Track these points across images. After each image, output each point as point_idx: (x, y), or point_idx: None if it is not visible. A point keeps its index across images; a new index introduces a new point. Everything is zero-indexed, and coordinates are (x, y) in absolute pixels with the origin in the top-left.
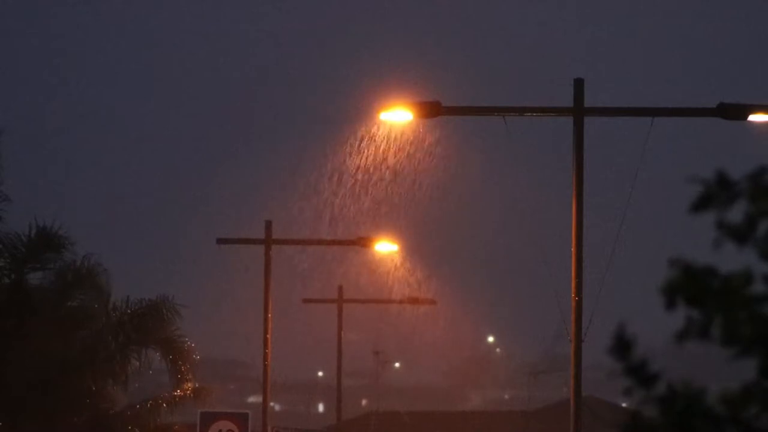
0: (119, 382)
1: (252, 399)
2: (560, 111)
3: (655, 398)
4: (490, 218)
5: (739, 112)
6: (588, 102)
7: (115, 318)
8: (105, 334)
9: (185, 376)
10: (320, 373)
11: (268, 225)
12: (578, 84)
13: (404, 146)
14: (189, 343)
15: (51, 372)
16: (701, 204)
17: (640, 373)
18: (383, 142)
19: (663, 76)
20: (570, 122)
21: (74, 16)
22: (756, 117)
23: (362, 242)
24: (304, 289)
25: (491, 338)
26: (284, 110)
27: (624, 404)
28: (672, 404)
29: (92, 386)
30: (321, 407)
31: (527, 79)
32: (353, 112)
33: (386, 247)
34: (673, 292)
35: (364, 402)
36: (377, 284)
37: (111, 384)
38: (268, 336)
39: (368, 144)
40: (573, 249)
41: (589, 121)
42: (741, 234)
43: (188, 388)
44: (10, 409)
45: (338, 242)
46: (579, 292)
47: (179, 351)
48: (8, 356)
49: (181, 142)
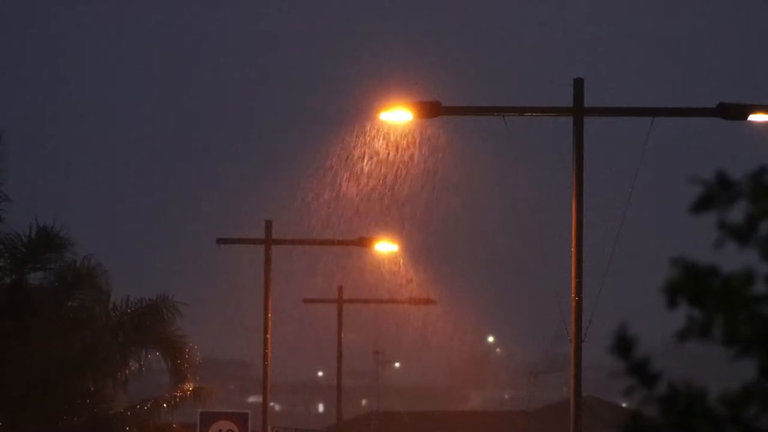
0: (119, 382)
1: (252, 399)
2: (560, 111)
3: (656, 398)
4: (490, 218)
5: (739, 112)
6: (588, 102)
7: (115, 318)
8: (105, 334)
9: (185, 376)
10: (320, 373)
11: (268, 225)
12: (578, 84)
13: (404, 146)
14: (189, 344)
15: (51, 372)
16: (702, 204)
17: (642, 373)
18: (383, 142)
19: (663, 76)
20: (570, 122)
21: (74, 16)
22: (756, 117)
23: (362, 242)
24: (304, 289)
25: (491, 338)
26: (284, 110)
27: (624, 404)
28: (673, 404)
29: (92, 386)
30: (321, 407)
31: (527, 79)
32: (353, 112)
33: (386, 247)
34: (675, 292)
35: (364, 402)
36: (377, 284)
37: (111, 384)
38: (268, 336)
39: (368, 144)
40: (573, 249)
41: (589, 121)
42: (742, 234)
43: (188, 389)
44: (10, 409)
45: (338, 242)
46: (579, 292)
47: (179, 351)
48: (8, 356)
49: (181, 142)
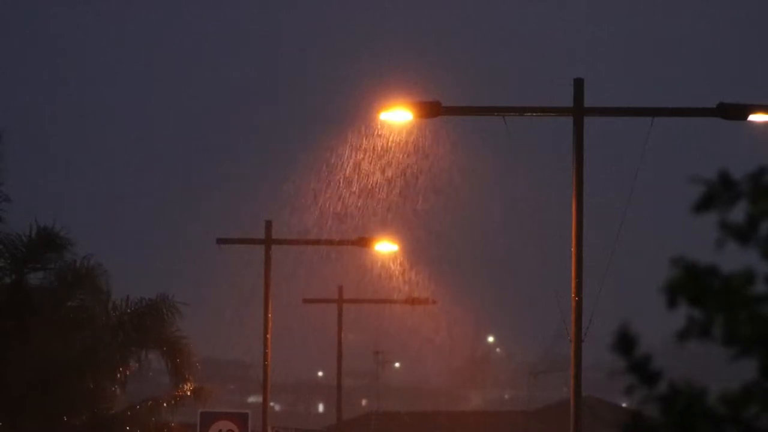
0: (119, 382)
1: (252, 399)
2: (560, 111)
3: (657, 397)
4: (490, 218)
5: (739, 112)
6: (588, 102)
7: (115, 318)
8: (105, 334)
9: (185, 377)
10: (320, 373)
11: (268, 225)
12: (578, 84)
13: (404, 146)
14: (189, 344)
15: (51, 372)
16: (703, 204)
17: (643, 371)
18: (383, 142)
19: (663, 76)
20: (570, 122)
21: (74, 16)
22: (756, 117)
23: (362, 242)
24: (304, 289)
25: (491, 338)
26: (284, 110)
27: (624, 404)
28: (673, 404)
29: (92, 386)
30: (321, 407)
31: (527, 79)
32: (353, 112)
33: (386, 247)
34: (675, 292)
35: (364, 402)
36: (377, 284)
37: (111, 384)
38: (268, 336)
39: (368, 144)
40: (573, 249)
41: (589, 121)
42: (743, 234)
43: (188, 389)
44: (10, 409)
45: (338, 242)
46: (579, 292)
47: (179, 351)
48: (8, 356)
49: (181, 142)
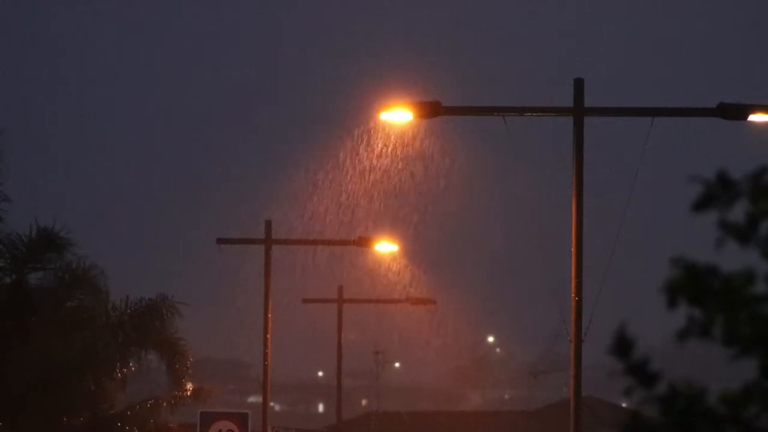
0: (119, 382)
1: (252, 399)
2: (560, 111)
3: (656, 398)
4: (490, 218)
5: (739, 112)
6: (588, 102)
7: (115, 318)
8: (105, 334)
9: (184, 377)
10: (320, 373)
11: (268, 225)
12: (578, 84)
13: (404, 146)
14: (187, 344)
15: (51, 372)
16: (702, 204)
17: (641, 373)
18: (383, 142)
19: (663, 76)
20: (570, 122)
21: (74, 16)
22: (756, 117)
23: (362, 242)
24: (304, 289)
25: (491, 338)
26: (284, 110)
27: (624, 404)
28: (673, 404)
29: (92, 386)
30: (321, 407)
31: (527, 79)
32: (353, 112)
33: (386, 247)
34: (675, 292)
35: (364, 402)
36: (377, 284)
37: (111, 384)
38: (268, 336)
39: (368, 144)
40: (573, 249)
41: (589, 121)
42: (742, 234)
43: (187, 389)
44: (10, 409)
45: (338, 242)
46: (579, 292)
47: (178, 351)
48: (8, 356)
49: (181, 142)
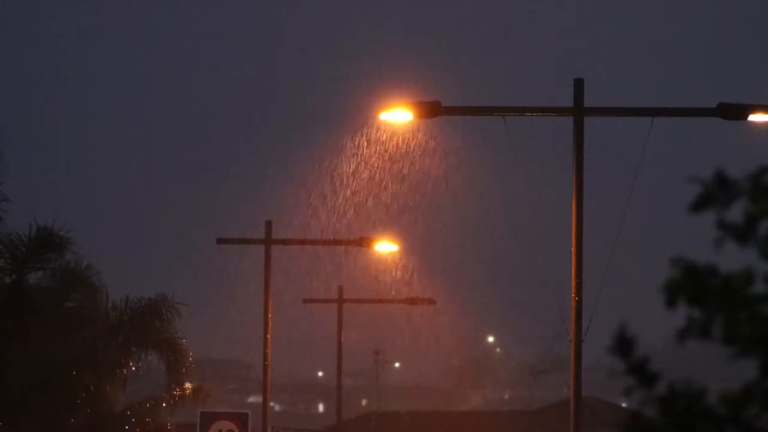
0: (119, 382)
1: (252, 399)
2: (560, 111)
3: (656, 398)
4: (490, 218)
5: (739, 112)
6: (588, 102)
7: (115, 318)
8: (105, 334)
9: (183, 376)
10: (320, 373)
11: (268, 225)
12: (578, 84)
13: (404, 146)
14: (184, 345)
15: (51, 372)
16: (700, 204)
17: (641, 373)
18: (383, 142)
19: (663, 76)
20: (570, 122)
21: (74, 16)
22: (756, 117)
23: (362, 242)
24: (304, 289)
25: (491, 338)
26: (284, 110)
27: (624, 404)
28: (673, 404)
29: (92, 386)
30: (321, 407)
31: (527, 79)
32: (353, 112)
33: (386, 247)
34: (674, 292)
35: (364, 402)
36: (377, 284)
37: (111, 384)
38: (268, 336)
39: (368, 144)
40: (573, 249)
41: (589, 121)
42: (742, 234)
43: (187, 388)
44: (10, 409)
45: (338, 242)
46: (579, 292)
47: (178, 351)
48: (8, 356)
49: (181, 142)
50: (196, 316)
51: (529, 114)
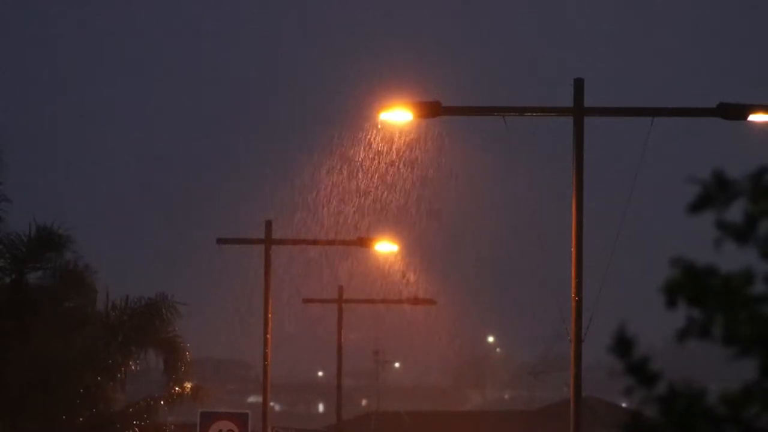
0: (119, 382)
1: (252, 399)
2: (560, 111)
3: (656, 398)
4: (490, 218)
5: (739, 112)
6: (588, 102)
7: (115, 318)
8: (105, 334)
9: (183, 376)
10: (320, 373)
11: (268, 225)
12: (578, 84)
13: (404, 146)
14: (185, 344)
15: (51, 372)
16: (700, 204)
17: (641, 373)
18: (383, 142)
19: (663, 76)
20: (570, 122)
21: (74, 16)
22: (756, 117)
23: (362, 242)
24: (304, 289)
25: (491, 338)
26: (284, 110)
27: (624, 404)
28: (673, 404)
29: (92, 386)
30: (321, 407)
31: (527, 79)
32: (353, 112)
33: (386, 247)
34: (674, 292)
35: (364, 402)
36: (377, 284)
37: (110, 384)
38: (268, 336)
39: (368, 144)
40: (573, 249)
41: (589, 121)
42: (741, 234)
43: (186, 388)
44: (10, 409)
45: (338, 242)
46: (579, 292)
47: (177, 351)
48: (8, 356)
49: (182, 143)
50: (197, 316)
51: (529, 114)
